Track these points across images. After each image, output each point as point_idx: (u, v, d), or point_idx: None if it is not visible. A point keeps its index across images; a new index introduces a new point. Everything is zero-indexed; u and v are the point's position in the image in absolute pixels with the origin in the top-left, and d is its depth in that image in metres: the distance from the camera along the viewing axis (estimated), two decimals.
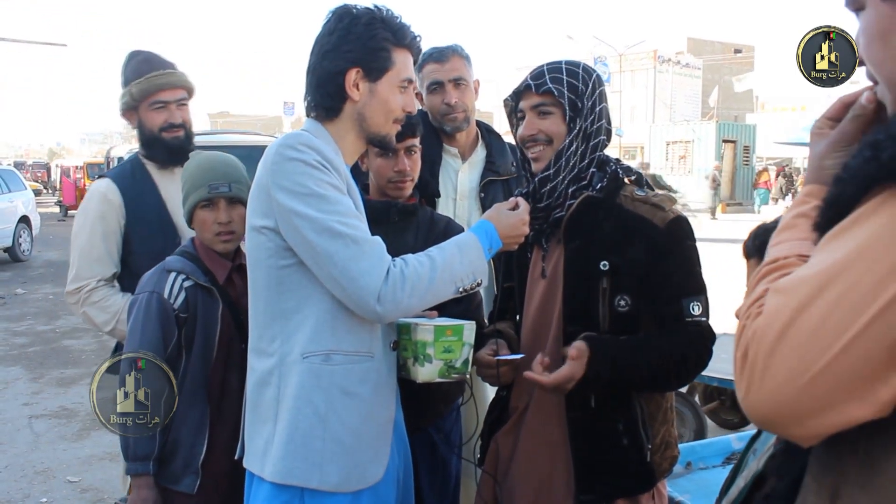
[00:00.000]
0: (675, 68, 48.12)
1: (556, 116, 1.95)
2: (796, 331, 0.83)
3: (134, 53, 2.78)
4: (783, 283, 0.89)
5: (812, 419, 0.83)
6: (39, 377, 6.83)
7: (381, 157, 2.26)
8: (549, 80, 1.94)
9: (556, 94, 1.92)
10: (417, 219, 2.36)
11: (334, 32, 1.79)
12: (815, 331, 0.82)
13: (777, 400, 0.84)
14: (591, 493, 1.89)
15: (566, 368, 1.79)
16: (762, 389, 0.85)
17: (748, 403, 0.88)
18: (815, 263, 0.87)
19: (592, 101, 1.95)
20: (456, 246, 1.78)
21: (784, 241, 1.03)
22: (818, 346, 0.82)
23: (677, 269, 1.88)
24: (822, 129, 1.12)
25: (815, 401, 0.82)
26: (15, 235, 14.23)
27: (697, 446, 3.49)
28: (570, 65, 1.98)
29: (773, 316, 0.86)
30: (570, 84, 1.94)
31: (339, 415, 1.74)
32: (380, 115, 1.84)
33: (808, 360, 0.82)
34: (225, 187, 2.25)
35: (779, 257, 1.00)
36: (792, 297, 0.86)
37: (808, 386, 0.82)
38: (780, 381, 0.84)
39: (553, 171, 1.94)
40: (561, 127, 1.94)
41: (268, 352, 1.78)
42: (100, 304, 2.60)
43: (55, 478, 4.65)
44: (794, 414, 0.84)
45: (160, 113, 2.70)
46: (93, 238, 2.62)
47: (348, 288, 1.67)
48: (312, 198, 1.67)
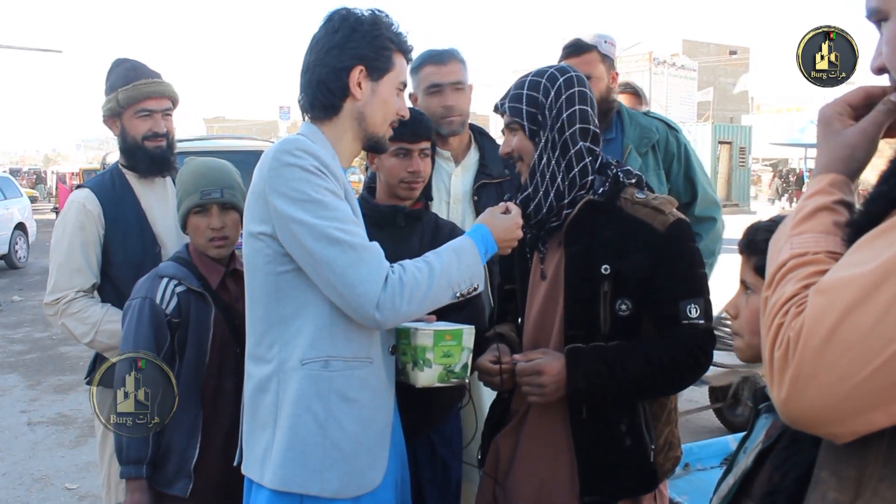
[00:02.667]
0: (671, 70, 48.18)
1: (521, 133, 1.95)
2: (846, 333, 0.83)
3: (120, 60, 2.77)
4: (827, 282, 0.88)
5: (856, 418, 0.83)
6: (37, 384, 6.82)
7: (395, 157, 2.27)
8: (510, 98, 1.95)
9: (510, 113, 1.94)
10: (423, 223, 2.36)
11: (339, 31, 1.80)
12: (867, 333, 0.82)
13: (823, 401, 0.84)
14: (595, 494, 1.89)
15: (537, 361, 1.87)
16: (808, 390, 0.85)
17: (791, 403, 0.87)
18: (862, 262, 0.85)
19: (558, 108, 1.91)
20: (453, 251, 1.78)
21: (807, 233, 1.00)
22: (870, 348, 0.81)
23: (677, 272, 1.88)
24: (842, 113, 1.09)
25: (864, 401, 0.82)
26: (11, 242, 14.20)
27: (695, 447, 3.49)
28: (535, 76, 1.97)
29: (820, 317, 0.85)
30: (529, 98, 1.93)
31: (339, 421, 1.73)
32: (379, 115, 1.85)
33: (860, 363, 0.82)
34: (217, 193, 2.26)
35: (807, 251, 0.97)
36: (839, 297, 0.84)
37: (857, 388, 0.82)
38: (828, 382, 0.83)
39: (531, 189, 1.94)
40: (526, 143, 1.95)
41: (266, 358, 1.78)
42: (78, 315, 2.56)
43: (53, 485, 4.63)
44: (838, 414, 0.84)
45: (145, 121, 2.68)
46: (72, 249, 2.60)
47: (347, 295, 1.66)
48: (310, 204, 1.67)
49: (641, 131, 3.06)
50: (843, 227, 0.97)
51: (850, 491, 0.90)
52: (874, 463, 0.88)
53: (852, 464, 0.90)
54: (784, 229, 1.04)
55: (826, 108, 1.12)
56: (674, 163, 3.10)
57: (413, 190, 2.32)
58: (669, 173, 3.10)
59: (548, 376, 1.86)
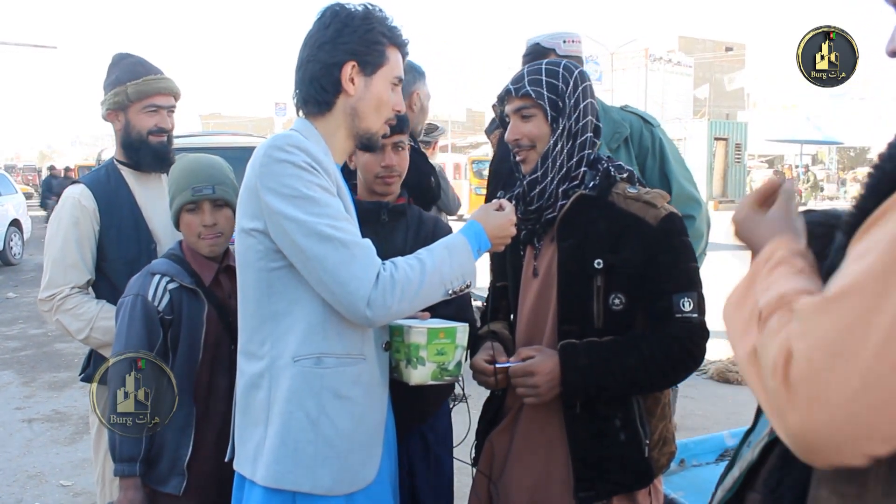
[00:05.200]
0: (667, 66, 48.24)
1: (538, 118, 1.95)
2: (852, 351, 0.76)
3: (123, 55, 2.77)
4: (816, 302, 0.82)
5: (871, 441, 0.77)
6: (31, 381, 6.80)
7: (369, 153, 2.25)
8: (528, 82, 1.95)
9: (534, 96, 1.93)
10: (407, 219, 2.35)
11: (330, 26, 1.79)
12: (879, 347, 0.75)
13: (837, 424, 0.77)
14: (590, 490, 1.89)
15: (530, 362, 1.88)
16: (820, 413, 0.78)
17: (801, 430, 0.80)
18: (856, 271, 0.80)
19: (575, 98, 1.94)
20: (445, 248, 1.78)
21: (773, 287, 0.95)
22: (884, 363, 0.75)
23: (669, 266, 1.88)
24: (753, 208, 1.19)
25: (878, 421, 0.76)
26: (6, 239, 14.17)
27: (691, 443, 3.48)
28: (550, 65, 1.99)
29: (821, 338, 0.79)
30: (549, 84, 1.94)
31: (331, 418, 1.73)
32: (372, 111, 1.84)
33: (874, 379, 0.75)
34: (209, 189, 2.25)
35: (780, 295, 0.92)
36: (837, 315, 0.79)
37: (872, 406, 0.76)
38: (841, 401, 0.77)
39: (541, 172, 1.94)
40: (543, 128, 1.95)
41: (258, 355, 1.77)
42: (73, 311, 2.56)
43: (48, 482, 4.62)
44: (852, 437, 0.77)
45: (151, 116, 2.69)
46: (66, 244, 2.59)
47: (338, 292, 1.65)
48: (301, 200, 1.66)
49: (613, 126, 3.03)
50: (807, 272, 0.98)
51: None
52: (875, 479, 0.85)
53: (854, 481, 0.87)
54: (743, 295, 1.00)
55: (737, 214, 1.22)
56: (648, 158, 3.08)
57: (388, 185, 2.30)
58: (644, 169, 3.08)
59: (540, 376, 1.86)
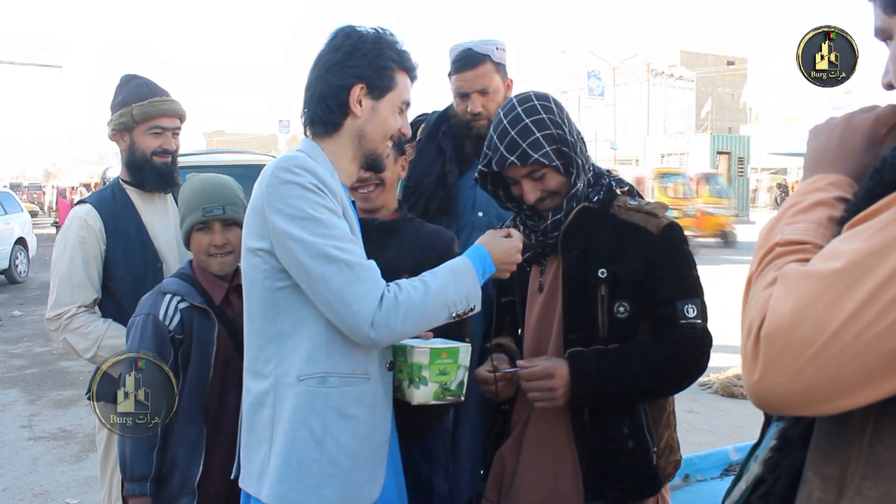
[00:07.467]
0: (669, 81, 48.35)
1: (551, 173, 1.94)
2: (841, 329, 0.82)
3: (131, 76, 2.81)
4: (790, 273, 0.88)
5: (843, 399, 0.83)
6: (37, 399, 6.81)
7: None
8: (528, 147, 1.90)
9: (546, 161, 1.90)
10: (400, 235, 2.32)
11: (340, 49, 1.82)
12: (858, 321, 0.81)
13: (792, 385, 0.84)
14: (600, 499, 1.90)
15: (544, 365, 1.88)
16: (774, 374, 0.85)
17: (760, 387, 0.87)
18: (831, 257, 0.85)
19: (569, 129, 1.96)
20: (450, 271, 1.79)
21: (800, 223, 1.00)
22: (845, 338, 0.81)
23: (672, 273, 1.91)
24: (876, 132, 1.07)
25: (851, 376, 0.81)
26: (11, 257, 14.19)
27: (695, 458, 3.48)
28: (528, 115, 1.93)
29: (793, 305, 0.85)
30: (547, 138, 1.91)
31: (336, 437, 1.74)
32: (378, 134, 1.86)
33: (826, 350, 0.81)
34: (219, 209, 2.26)
35: (795, 241, 0.97)
36: (815, 286, 0.84)
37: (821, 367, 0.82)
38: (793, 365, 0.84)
39: (565, 211, 1.96)
40: (560, 178, 1.95)
41: (263, 373, 1.79)
42: (80, 330, 2.58)
43: (54, 500, 4.63)
44: (802, 399, 0.84)
45: (156, 138, 2.72)
46: (73, 264, 2.61)
47: (342, 313, 1.67)
48: (307, 221, 1.68)
49: None
50: (837, 224, 0.97)
51: (833, 490, 0.91)
52: (856, 462, 0.89)
53: (834, 463, 0.92)
54: (778, 218, 1.04)
55: (865, 119, 1.08)
56: None
57: (368, 200, 2.28)
58: None
59: (559, 379, 1.87)
